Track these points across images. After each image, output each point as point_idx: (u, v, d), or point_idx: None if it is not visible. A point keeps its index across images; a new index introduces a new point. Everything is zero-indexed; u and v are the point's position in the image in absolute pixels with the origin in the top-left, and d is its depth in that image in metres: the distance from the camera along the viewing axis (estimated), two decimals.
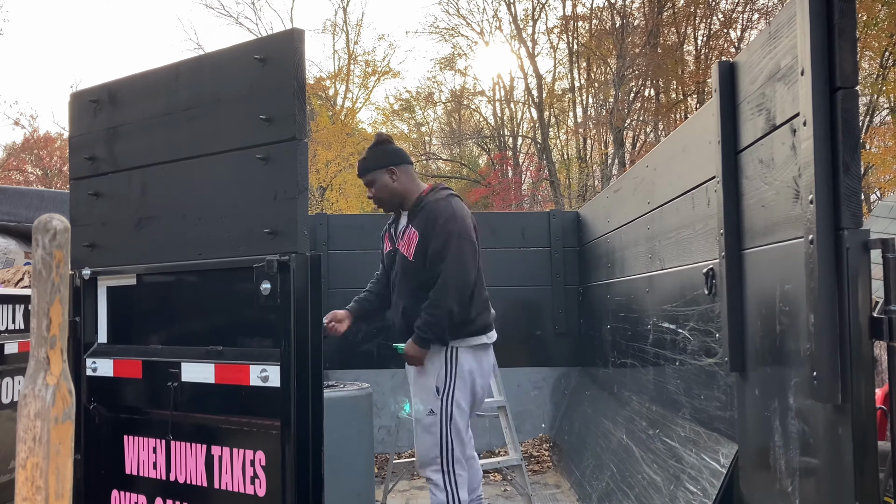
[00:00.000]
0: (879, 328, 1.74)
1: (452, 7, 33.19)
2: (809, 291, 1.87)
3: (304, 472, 2.55)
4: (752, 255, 2.39)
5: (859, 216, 1.81)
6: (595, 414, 5.18)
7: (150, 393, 2.93)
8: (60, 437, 1.19)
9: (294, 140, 2.59)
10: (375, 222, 7.46)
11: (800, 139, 1.94)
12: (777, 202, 2.15)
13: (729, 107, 2.54)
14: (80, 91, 3.27)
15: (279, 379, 2.58)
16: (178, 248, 2.89)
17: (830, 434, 1.87)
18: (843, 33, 1.82)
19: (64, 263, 1.22)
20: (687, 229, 3.24)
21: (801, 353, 1.99)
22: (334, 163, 21.11)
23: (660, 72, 21.88)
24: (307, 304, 2.59)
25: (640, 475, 3.67)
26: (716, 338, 2.86)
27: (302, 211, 2.59)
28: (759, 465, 2.39)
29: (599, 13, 23.41)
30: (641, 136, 23.87)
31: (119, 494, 3.00)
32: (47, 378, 1.20)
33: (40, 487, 1.17)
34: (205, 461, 2.76)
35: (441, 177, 29.04)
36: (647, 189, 3.97)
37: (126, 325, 3.12)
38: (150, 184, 2.99)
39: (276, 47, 2.66)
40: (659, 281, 3.74)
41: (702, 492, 2.85)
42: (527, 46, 23.82)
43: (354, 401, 4.24)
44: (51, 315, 1.21)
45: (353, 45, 24.31)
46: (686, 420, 3.30)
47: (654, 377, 3.84)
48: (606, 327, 5.15)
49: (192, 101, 2.87)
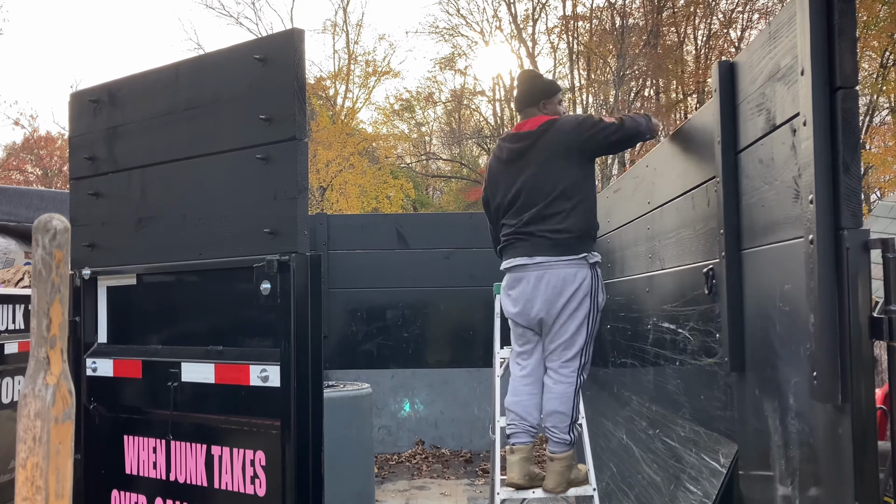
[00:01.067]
0: (879, 328, 1.74)
1: (452, 7, 33.15)
2: (809, 291, 1.87)
3: (304, 472, 2.55)
4: (752, 255, 2.39)
5: (859, 216, 1.81)
6: (595, 414, 5.18)
7: (150, 393, 2.93)
8: (60, 437, 1.19)
9: (294, 140, 2.59)
10: (375, 222, 7.48)
11: (800, 139, 1.94)
12: (777, 202, 2.15)
13: (729, 107, 2.54)
14: (80, 91, 3.27)
15: (279, 379, 2.58)
16: (178, 248, 2.89)
17: (830, 434, 1.87)
18: (843, 33, 1.82)
19: (64, 263, 1.22)
20: (687, 229, 3.23)
21: (801, 353, 1.99)
22: (334, 163, 21.10)
23: (660, 72, 21.89)
24: (307, 304, 2.59)
25: (640, 475, 3.67)
26: (716, 338, 2.86)
27: (302, 211, 2.59)
28: (759, 465, 2.39)
29: (599, 13, 23.41)
30: None
31: (119, 494, 3.00)
32: (47, 378, 1.20)
33: (40, 487, 1.17)
34: (205, 461, 2.76)
35: (441, 177, 29.07)
36: (647, 189, 3.97)
37: (126, 325, 3.12)
38: (150, 184, 2.99)
39: (276, 47, 2.66)
40: (659, 281, 3.74)
41: (702, 492, 2.85)
42: (527, 46, 23.83)
43: (354, 401, 4.24)
44: (51, 315, 1.21)
45: (353, 45, 24.32)
46: (686, 420, 3.30)
47: (654, 377, 3.84)
48: (606, 327, 5.15)
49: (192, 101, 2.87)
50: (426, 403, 6.91)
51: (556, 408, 3.34)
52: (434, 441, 6.83)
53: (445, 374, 6.91)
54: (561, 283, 3.29)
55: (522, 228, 3.38)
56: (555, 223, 3.30)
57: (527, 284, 3.37)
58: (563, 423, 3.35)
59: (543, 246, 3.32)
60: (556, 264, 3.29)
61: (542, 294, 3.31)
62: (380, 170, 22.94)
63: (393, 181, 23.47)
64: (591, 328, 3.35)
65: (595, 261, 3.35)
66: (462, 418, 6.84)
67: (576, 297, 3.28)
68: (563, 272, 3.28)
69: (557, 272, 3.29)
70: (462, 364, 6.87)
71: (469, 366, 6.81)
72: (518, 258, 3.39)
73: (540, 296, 3.32)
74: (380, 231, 7.04)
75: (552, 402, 3.36)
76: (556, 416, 3.35)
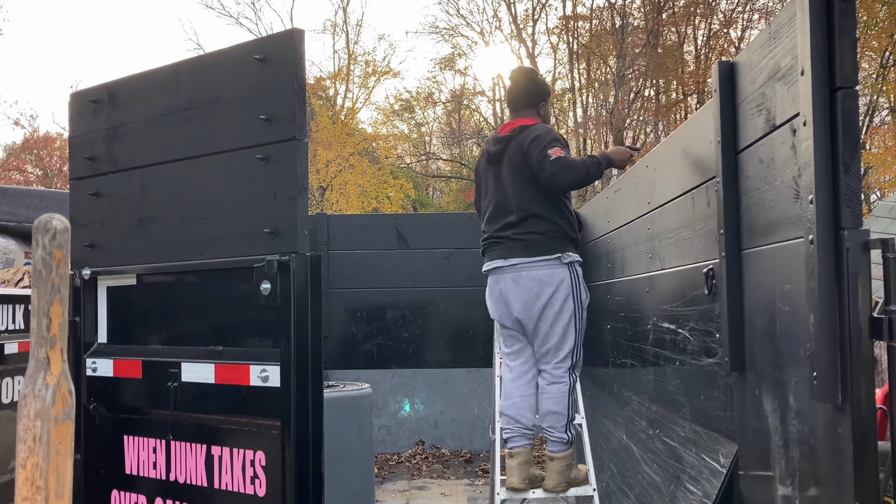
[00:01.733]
0: (879, 328, 1.74)
1: (452, 7, 33.17)
2: (809, 291, 1.87)
3: (304, 472, 2.55)
4: (751, 255, 2.39)
5: (859, 216, 1.81)
6: (595, 414, 5.18)
7: (150, 393, 2.93)
8: (60, 437, 1.19)
9: (294, 140, 2.59)
10: (375, 222, 7.48)
11: (800, 139, 1.93)
12: (777, 202, 2.15)
13: (729, 107, 2.54)
14: (80, 91, 3.27)
15: (279, 379, 2.58)
16: (178, 248, 2.89)
17: (830, 434, 1.87)
18: (843, 33, 1.82)
19: (64, 263, 1.22)
20: (687, 229, 3.23)
21: (801, 353, 1.99)
22: (334, 163, 21.09)
23: (660, 72, 21.88)
24: (307, 304, 2.59)
25: (640, 475, 3.67)
26: (716, 338, 2.86)
27: (302, 211, 2.59)
28: (759, 465, 2.39)
29: (599, 13, 23.41)
30: (641, 136, 23.86)
31: (119, 494, 3.00)
32: (47, 378, 1.20)
33: (40, 487, 1.17)
34: (205, 461, 2.76)
35: (441, 177, 29.07)
36: (647, 189, 3.97)
37: (126, 325, 3.12)
38: (150, 184, 2.99)
39: (276, 47, 2.66)
40: (659, 281, 3.74)
41: (702, 492, 2.85)
42: (527, 46, 23.83)
43: (354, 401, 4.24)
44: (51, 315, 1.21)
45: (353, 45, 24.31)
46: (686, 420, 3.30)
47: (654, 377, 3.84)
48: (606, 327, 5.15)
49: (192, 101, 2.87)
50: (426, 403, 6.91)
51: (552, 408, 3.37)
52: (434, 441, 6.83)
53: (445, 374, 6.91)
54: (537, 285, 3.32)
55: (498, 232, 3.44)
56: (528, 226, 3.34)
57: (504, 286, 3.42)
58: (560, 423, 3.37)
59: (517, 248, 3.36)
60: (531, 265, 3.32)
61: (519, 295, 3.35)
62: (380, 170, 22.94)
63: (393, 181, 23.46)
64: (578, 327, 3.39)
65: (571, 260, 3.36)
66: (462, 418, 6.84)
67: (556, 299, 3.31)
68: (538, 273, 3.31)
69: (532, 273, 3.32)
70: (462, 364, 6.87)
71: (469, 366, 6.81)
72: (494, 261, 3.45)
73: (517, 297, 3.35)
74: (380, 231, 7.04)
75: (547, 402, 3.38)
76: (552, 417, 3.37)
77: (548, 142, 3.29)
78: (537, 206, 3.33)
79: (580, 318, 3.40)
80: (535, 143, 3.30)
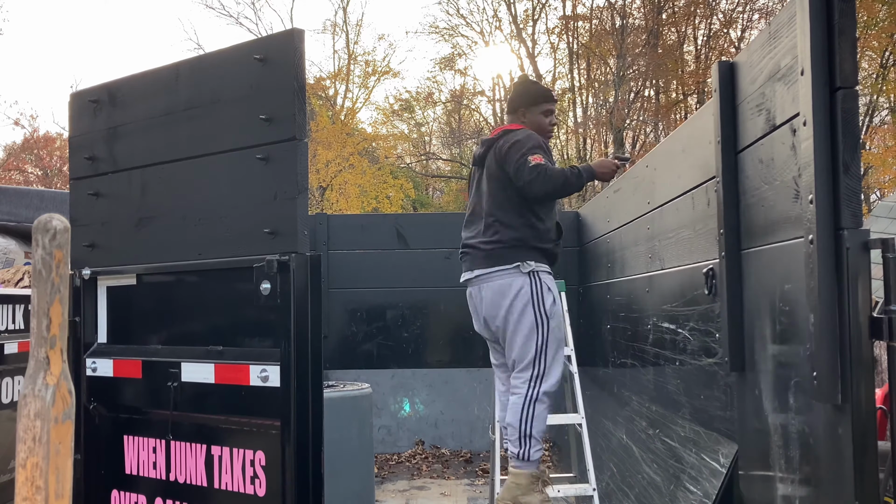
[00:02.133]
0: (879, 328, 1.74)
1: (452, 7, 33.14)
2: (809, 291, 1.87)
3: (304, 472, 2.55)
4: (751, 255, 2.39)
5: (859, 216, 1.81)
6: (595, 414, 5.18)
7: (150, 393, 2.93)
8: (60, 437, 1.19)
9: (294, 140, 2.59)
10: (375, 222, 7.48)
11: (800, 139, 1.94)
12: (777, 202, 2.15)
13: (729, 107, 2.54)
14: (80, 91, 3.27)
15: (279, 379, 2.58)
16: (178, 248, 2.89)
17: (830, 434, 1.87)
18: (843, 33, 1.82)
19: (64, 263, 1.22)
20: (687, 229, 3.24)
21: (801, 353, 1.99)
22: (334, 163, 21.08)
23: (660, 72, 21.87)
24: (307, 304, 2.59)
25: (640, 475, 3.67)
26: (716, 338, 2.86)
27: (302, 211, 2.59)
28: (759, 465, 2.39)
29: (599, 13, 23.40)
30: (641, 136, 23.86)
31: (119, 494, 3.00)
32: (47, 378, 1.20)
33: (40, 487, 1.17)
34: (205, 461, 2.76)
35: (441, 177, 29.06)
36: (647, 189, 3.97)
37: (126, 325, 3.12)
38: (150, 184, 2.99)
39: (276, 47, 2.66)
40: (659, 281, 3.74)
41: (702, 492, 2.85)
42: (527, 46, 23.82)
43: (354, 401, 4.24)
44: (51, 315, 1.21)
45: (353, 45, 24.30)
46: (686, 420, 3.30)
47: (654, 377, 3.84)
48: (606, 327, 5.15)
49: (192, 101, 2.87)
50: (426, 403, 6.91)
51: (508, 419, 3.22)
52: (434, 441, 6.83)
53: (445, 374, 6.91)
54: (498, 296, 3.24)
55: (469, 240, 3.40)
56: (490, 234, 3.27)
57: (472, 299, 3.41)
58: (514, 436, 3.18)
59: (478, 258, 3.30)
60: (491, 276, 3.25)
61: (484, 307, 3.31)
62: (380, 170, 22.93)
63: (393, 181, 23.45)
64: (543, 337, 3.18)
65: (531, 269, 3.20)
66: (462, 418, 6.84)
67: (515, 308, 3.19)
68: (498, 283, 3.24)
69: (491, 284, 3.26)
70: (462, 364, 6.87)
71: (469, 366, 6.81)
72: (465, 273, 3.42)
73: (483, 309, 3.31)
74: (380, 231, 7.04)
75: (507, 412, 3.26)
76: (509, 428, 3.23)
77: (528, 147, 3.19)
78: (504, 213, 3.25)
79: (545, 327, 3.18)
80: (514, 147, 3.21)
